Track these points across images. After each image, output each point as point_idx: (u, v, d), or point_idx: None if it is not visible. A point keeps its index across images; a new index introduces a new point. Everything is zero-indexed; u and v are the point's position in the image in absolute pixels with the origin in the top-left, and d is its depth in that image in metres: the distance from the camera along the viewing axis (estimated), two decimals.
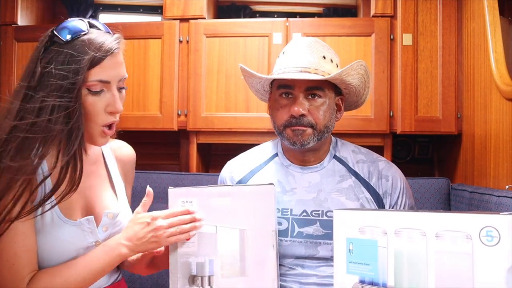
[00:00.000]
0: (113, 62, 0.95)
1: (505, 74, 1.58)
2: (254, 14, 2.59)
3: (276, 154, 1.32)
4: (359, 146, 1.33)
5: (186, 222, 0.99)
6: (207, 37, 2.13)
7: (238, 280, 0.99)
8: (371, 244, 0.92)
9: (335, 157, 1.28)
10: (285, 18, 2.12)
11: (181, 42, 2.15)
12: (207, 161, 2.42)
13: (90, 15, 2.55)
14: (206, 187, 1.04)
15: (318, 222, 1.19)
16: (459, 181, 1.99)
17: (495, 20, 1.67)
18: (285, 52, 1.25)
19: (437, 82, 2.01)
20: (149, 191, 1.04)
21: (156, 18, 2.64)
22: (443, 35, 2.00)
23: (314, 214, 1.20)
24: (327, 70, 1.19)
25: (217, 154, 2.46)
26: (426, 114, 2.01)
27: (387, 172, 1.25)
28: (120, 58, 0.97)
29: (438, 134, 2.04)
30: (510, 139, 1.48)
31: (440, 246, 0.84)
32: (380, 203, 1.22)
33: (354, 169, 1.25)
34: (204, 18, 2.16)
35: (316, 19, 2.25)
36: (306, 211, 1.21)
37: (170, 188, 1.04)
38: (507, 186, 1.45)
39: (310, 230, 1.19)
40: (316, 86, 1.19)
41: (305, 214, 1.20)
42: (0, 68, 2.25)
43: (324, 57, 1.20)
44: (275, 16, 2.57)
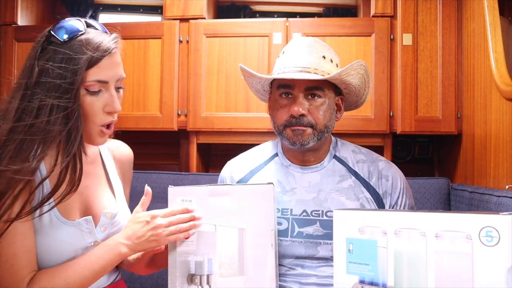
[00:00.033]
0: (111, 62, 0.95)
1: (505, 74, 1.58)
2: (254, 14, 2.59)
3: (276, 154, 1.32)
4: (359, 146, 1.33)
5: (185, 221, 0.99)
6: (207, 37, 2.13)
7: (237, 279, 0.99)
8: (371, 244, 0.92)
9: (335, 157, 1.27)
10: (285, 18, 2.12)
11: (181, 42, 2.15)
12: (207, 161, 2.42)
13: (90, 15, 2.55)
14: (206, 186, 1.04)
15: (318, 222, 1.19)
16: (459, 181, 1.99)
17: (495, 20, 1.67)
18: (285, 52, 1.25)
19: (437, 82, 2.01)
20: (147, 190, 1.04)
21: (156, 18, 2.64)
22: (443, 35, 2.00)
23: (314, 214, 1.20)
24: (327, 70, 1.19)
25: (217, 154, 2.46)
26: (426, 114, 2.01)
27: (387, 172, 1.25)
28: (117, 57, 0.97)
29: (438, 134, 2.04)
30: (510, 139, 1.48)
31: (439, 246, 0.84)
32: (380, 203, 1.22)
33: (354, 169, 1.25)
34: (204, 18, 2.16)
35: (316, 19, 2.24)
36: (306, 211, 1.20)
37: (169, 187, 1.04)
38: (507, 186, 1.45)
39: (310, 230, 1.19)
40: (316, 86, 1.19)
41: (305, 214, 1.20)
42: (0, 68, 2.25)
43: (324, 57, 1.20)
44: (275, 16, 2.57)
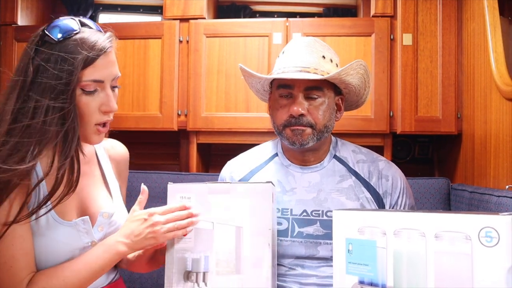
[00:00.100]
0: (106, 61, 0.94)
1: (505, 74, 1.58)
2: (254, 14, 2.59)
3: (276, 154, 1.32)
4: (359, 146, 1.33)
5: (183, 218, 0.99)
6: (207, 37, 2.13)
7: (233, 277, 0.99)
8: (370, 244, 0.92)
9: (335, 157, 1.27)
10: (285, 18, 2.12)
11: (181, 42, 2.15)
12: (207, 161, 2.42)
13: (90, 15, 2.55)
14: (205, 184, 1.04)
15: (318, 222, 1.19)
16: (459, 181, 1.99)
17: (495, 20, 1.67)
18: (284, 52, 1.25)
19: (437, 82, 2.01)
20: (143, 189, 1.04)
21: (156, 18, 2.63)
22: (443, 35, 2.00)
23: (314, 214, 1.20)
24: (327, 69, 1.19)
25: (217, 154, 2.46)
26: (426, 114, 2.01)
27: (387, 172, 1.25)
28: (112, 57, 0.97)
29: (438, 134, 2.04)
30: (510, 139, 1.48)
31: (439, 247, 0.84)
32: (380, 203, 1.22)
33: (354, 169, 1.25)
34: (204, 18, 2.16)
35: (316, 19, 2.24)
36: (306, 211, 1.20)
37: (169, 183, 1.04)
38: (507, 186, 1.45)
39: (310, 230, 1.19)
40: (315, 86, 1.18)
41: (305, 214, 1.20)
42: (0, 68, 2.25)
43: (323, 56, 1.20)
44: (275, 16, 2.57)
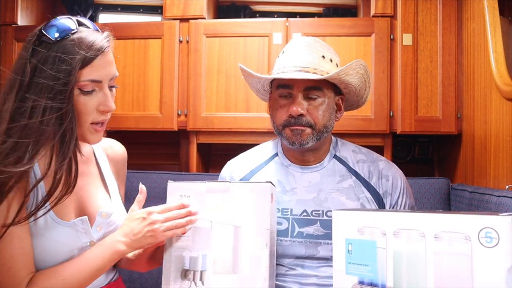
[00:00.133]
0: (104, 61, 0.94)
1: (505, 74, 1.58)
2: (254, 14, 2.59)
3: (276, 154, 1.32)
4: (360, 146, 1.33)
5: (182, 216, 0.99)
6: (207, 37, 2.13)
7: (229, 277, 0.98)
8: (370, 245, 0.92)
9: (335, 156, 1.27)
10: (285, 18, 2.12)
11: (181, 42, 2.15)
12: (207, 161, 2.42)
13: (90, 15, 2.55)
14: (204, 183, 1.04)
15: (318, 222, 1.19)
16: (459, 181, 1.99)
17: (495, 20, 1.67)
18: (284, 51, 1.25)
19: (437, 82, 2.00)
20: (141, 188, 1.04)
21: (156, 18, 2.63)
22: (443, 35, 2.00)
23: (314, 214, 1.20)
24: (326, 69, 1.19)
25: (217, 154, 2.46)
26: (426, 114, 2.01)
27: (388, 172, 1.25)
28: (110, 56, 0.96)
29: (438, 134, 2.04)
30: (510, 139, 1.48)
31: (439, 247, 0.84)
32: (380, 203, 1.22)
33: (354, 168, 1.25)
34: (204, 18, 2.16)
35: (316, 19, 2.24)
36: (306, 211, 1.20)
37: (169, 181, 1.04)
38: (507, 186, 1.45)
39: (310, 230, 1.19)
40: (315, 86, 1.18)
41: (305, 214, 1.20)
42: (4, 66, 2.25)
43: (323, 56, 1.20)
44: (275, 16, 2.57)
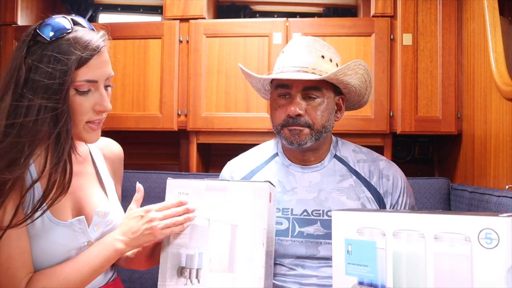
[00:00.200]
0: (100, 60, 0.94)
1: (505, 74, 1.58)
2: (254, 14, 2.59)
3: (276, 154, 1.32)
4: (360, 146, 1.33)
5: (180, 214, 0.99)
6: (207, 37, 2.13)
7: (225, 276, 0.98)
8: (370, 245, 0.92)
9: (336, 156, 1.27)
10: (285, 18, 2.12)
11: (181, 42, 2.14)
12: (207, 161, 2.42)
13: (90, 15, 2.55)
14: (203, 180, 1.04)
15: (319, 222, 1.19)
16: (459, 181, 1.99)
17: (495, 20, 1.67)
18: (284, 51, 1.25)
19: (437, 82, 2.00)
20: (139, 187, 1.04)
21: (156, 18, 2.63)
22: (443, 35, 2.00)
23: (314, 214, 1.20)
24: (325, 69, 1.18)
25: (217, 154, 2.46)
26: (426, 114, 2.01)
27: (388, 171, 1.25)
28: (106, 56, 0.96)
29: (438, 134, 2.04)
30: (510, 139, 1.48)
31: (438, 248, 0.84)
32: (381, 203, 1.22)
33: (354, 168, 1.25)
34: (204, 18, 2.15)
35: (316, 19, 2.24)
36: (306, 211, 1.20)
37: (168, 178, 1.04)
38: (507, 186, 1.45)
39: (311, 229, 1.19)
40: (313, 86, 1.18)
41: (305, 213, 1.20)
42: (0, 68, 2.25)
43: (322, 56, 1.20)
44: (275, 16, 2.57)
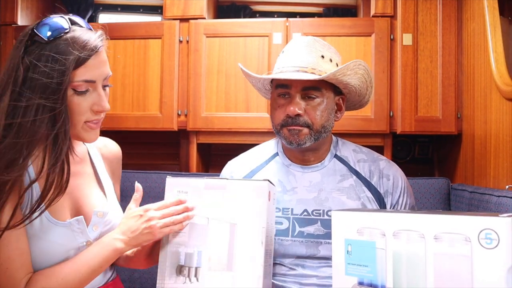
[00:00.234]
0: (97, 60, 0.93)
1: (505, 74, 1.58)
2: (254, 14, 2.59)
3: (276, 154, 1.32)
4: (360, 146, 1.33)
5: (179, 213, 0.99)
6: (207, 37, 2.13)
7: (224, 274, 0.98)
8: (370, 245, 0.92)
9: (336, 156, 1.27)
10: (285, 18, 2.12)
11: (181, 42, 2.14)
12: (207, 161, 2.42)
13: (90, 15, 2.55)
14: (203, 179, 1.04)
15: (319, 222, 1.19)
16: (459, 181, 1.99)
17: (495, 20, 1.67)
18: (284, 51, 1.25)
19: (437, 82, 2.00)
20: (137, 187, 1.04)
21: (156, 18, 2.63)
22: (443, 35, 2.00)
23: (315, 214, 1.20)
24: (325, 69, 1.18)
25: (217, 154, 2.46)
26: (426, 114, 2.01)
27: (388, 171, 1.25)
28: (104, 56, 0.96)
29: (438, 134, 2.04)
30: (510, 139, 1.48)
31: (438, 248, 0.84)
32: (381, 202, 1.22)
33: (355, 168, 1.25)
34: (204, 18, 2.15)
35: (316, 19, 2.24)
36: (307, 211, 1.20)
37: (167, 177, 1.04)
38: (507, 186, 1.45)
39: (311, 229, 1.19)
40: (312, 86, 1.18)
41: (306, 213, 1.20)
42: (0, 68, 2.25)
43: (322, 56, 1.20)
44: (275, 16, 2.57)
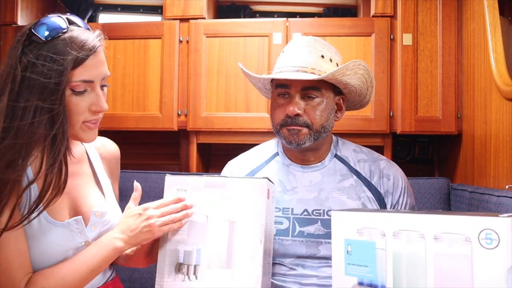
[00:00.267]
0: (96, 60, 0.93)
1: (505, 74, 1.58)
2: (254, 14, 2.59)
3: (276, 153, 1.32)
4: (360, 146, 1.33)
5: (178, 211, 0.99)
6: (207, 37, 2.13)
7: (223, 272, 0.98)
8: (369, 245, 0.92)
9: (336, 156, 1.27)
10: (285, 18, 2.12)
11: (181, 42, 2.15)
12: (207, 161, 2.42)
13: (90, 15, 2.55)
14: (202, 177, 1.04)
15: (319, 221, 1.19)
16: (459, 181, 1.99)
17: (495, 20, 1.67)
18: (284, 51, 1.25)
19: (437, 82, 2.00)
20: (136, 186, 1.04)
21: (156, 18, 2.63)
22: (443, 35, 2.00)
23: (315, 213, 1.20)
24: (325, 69, 1.18)
25: (217, 154, 2.46)
26: (426, 114, 2.01)
27: (388, 171, 1.25)
28: (102, 56, 0.95)
29: (438, 134, 2.04)
30: (510, 139, 1.48)
31: (438, 248, 0.84)
32: (381, 202, 1.22)
33: (355, 168, 1.25)
34: (204, 18, 2.16)
35: (316, 19, 2.24)
36: (307, 210, 1.20)
37: (167, 175, 1.04)
38: (507, 186, 1.45)
39: (311, 229, 1.19)
40: (312, 86, 1.18)
41: (306, 213, 1.20)
42: (0, 68, 2.25)
43: (322, 56, 1.20)
44: (275, 16, 2.57)
